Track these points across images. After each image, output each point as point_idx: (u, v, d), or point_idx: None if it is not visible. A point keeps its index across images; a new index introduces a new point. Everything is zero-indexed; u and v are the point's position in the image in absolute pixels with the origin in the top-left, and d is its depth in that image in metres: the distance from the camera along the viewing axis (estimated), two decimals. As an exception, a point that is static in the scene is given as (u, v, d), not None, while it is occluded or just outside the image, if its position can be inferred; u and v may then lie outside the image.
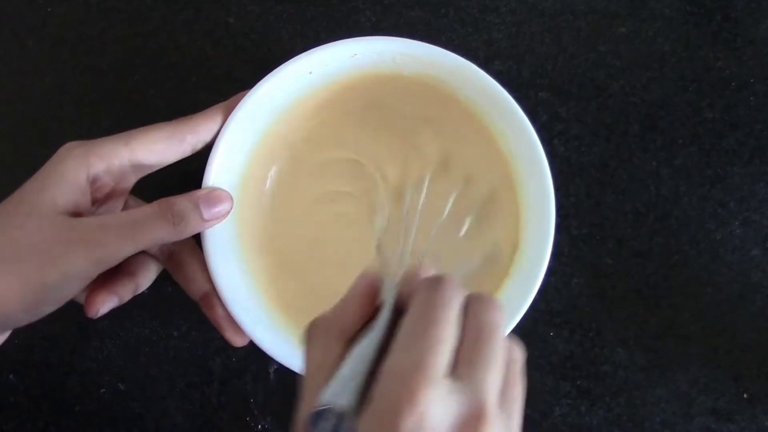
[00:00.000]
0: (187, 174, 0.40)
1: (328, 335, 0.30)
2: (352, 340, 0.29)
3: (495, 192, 0.43)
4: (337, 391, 0.26)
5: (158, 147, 0.38)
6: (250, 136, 0.41)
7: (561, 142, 0.47)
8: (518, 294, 0.40)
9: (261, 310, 0.41)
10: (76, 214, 0.35)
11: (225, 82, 0.48)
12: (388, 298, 0.30)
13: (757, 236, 0.47)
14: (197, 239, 0.40)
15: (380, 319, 0.29)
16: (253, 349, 0.40)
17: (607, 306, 0.47)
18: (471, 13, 0.48)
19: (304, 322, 0.42)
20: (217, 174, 0.40)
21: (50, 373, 0.47)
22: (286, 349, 0.40)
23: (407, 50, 0.41)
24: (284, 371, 0.40)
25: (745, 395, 0.47)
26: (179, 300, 0.42)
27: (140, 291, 0.40)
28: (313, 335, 0.30)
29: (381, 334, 0.29)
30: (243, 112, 0.40)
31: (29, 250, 0.33)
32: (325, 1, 0.48)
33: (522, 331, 0.40)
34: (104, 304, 0.37)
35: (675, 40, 0.48)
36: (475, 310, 0.28)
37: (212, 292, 0.40)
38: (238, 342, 0.40)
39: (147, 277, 0.39)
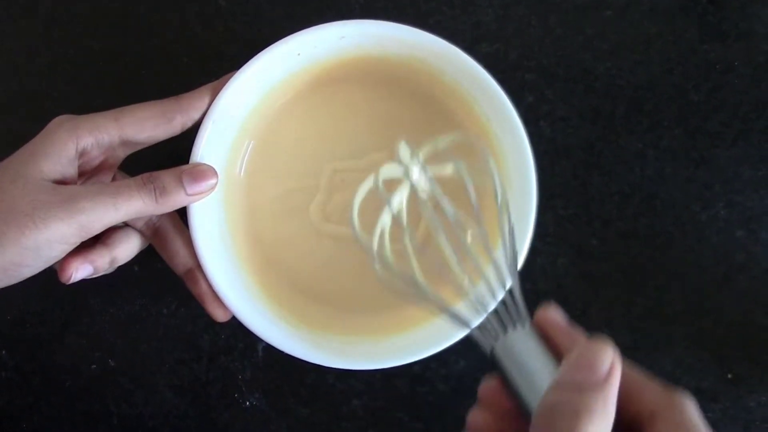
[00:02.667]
0: (177, 152, 0.41)
1: None
2: None
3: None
4: None
5: (147, 125, 0.38)
6: (237, 116, 0.42)
7: (547, 124, 0.48)
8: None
9: (243, 285, 0.42)
10: (62, 184, 0.36)
11: (216, 62, 0.48)
12: None
13: (742, 218, 0.47)
14: (183, 215, 0.41)
15: None
16: (240, 326, 0.41)
17: (593, 286, 0.47)
18: (459, -4, 0.49)
19: (286, 299, 0.43)
20: (204, 152, 0.40)
21: (41, 349, 0.47)
22: (266, 324, 0.41)
23: (394, 34, 0.41)
24: (272, 349, 0.41)
25: (729, 376, 0.47)
26: (169, 277, 0.42)
27: (118, 264, 0.40)
28: None
29: None
30: (230, 91, 0.40)
31: (11, 212, 0.33)
32: (315, -17, 0.49)
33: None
34: (78, 271, 0.37)
35: (661, 24, 0.48)
36: None
37: (196, 268, 0.40)
38: (221, 316, 0.41)
39: (126, 250, 0.40)
